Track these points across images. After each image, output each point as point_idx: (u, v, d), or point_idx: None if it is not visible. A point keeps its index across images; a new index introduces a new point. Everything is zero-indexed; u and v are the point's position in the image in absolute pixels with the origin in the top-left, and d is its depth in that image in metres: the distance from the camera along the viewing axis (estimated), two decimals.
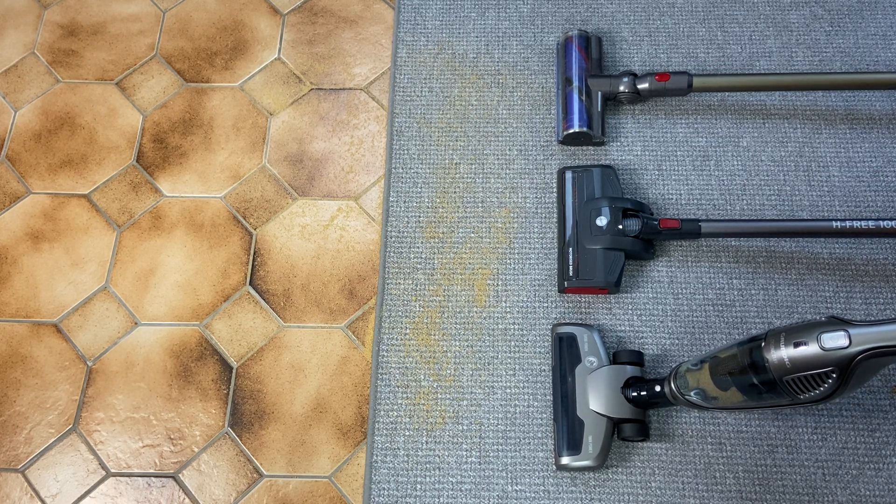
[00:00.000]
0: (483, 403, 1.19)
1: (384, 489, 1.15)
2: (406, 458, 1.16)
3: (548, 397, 1.19)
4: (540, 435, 1.17)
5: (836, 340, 0.86)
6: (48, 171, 1.39)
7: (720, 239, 1.28)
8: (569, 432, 1.12)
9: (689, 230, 1.21)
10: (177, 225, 1.35)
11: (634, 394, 1.11)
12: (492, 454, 1.16)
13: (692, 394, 1.01)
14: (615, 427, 1.12)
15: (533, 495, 1.14)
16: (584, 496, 1.13)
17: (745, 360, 0.93)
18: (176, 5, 1.54)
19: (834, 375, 0.86)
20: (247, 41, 1.50)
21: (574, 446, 1.11)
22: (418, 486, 1.15)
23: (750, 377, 0.93)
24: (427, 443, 1.17)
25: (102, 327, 1.27)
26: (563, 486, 1.14)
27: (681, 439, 1.16)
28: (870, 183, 1.32)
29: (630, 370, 1.14)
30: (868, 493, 1.12)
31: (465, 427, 1.18)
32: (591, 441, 1.11)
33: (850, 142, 1.35)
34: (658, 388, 1.07)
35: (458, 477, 1.15)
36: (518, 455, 1.16)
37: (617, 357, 1.17)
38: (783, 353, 0.89)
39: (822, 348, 0.86)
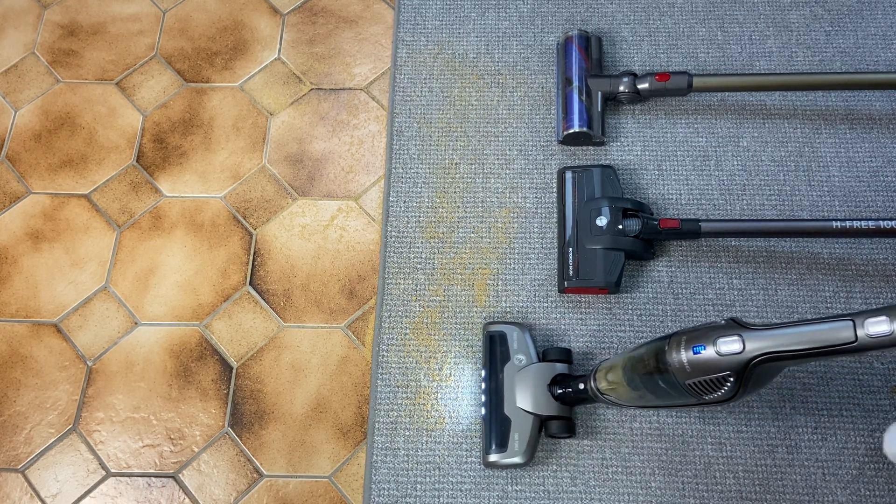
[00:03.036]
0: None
1: (384, 489, 1.15)
2: (406, 458, 1.16)
3: None
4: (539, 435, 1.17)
5: (730, 345, 0.86)
6: (48, 171, 1.39)
7: (720, 239, 1.28)
8: (496, 430, 1.12)
9: (689, 230, 1.21)
10: (177, 225, 1.35)
11: (560, 391, 1.11)
12: None
13: (608, 391, 1.03)
14: (542, 424, 1.13)
15: (533, 495, 1.14)
16: (584, 496, 1.13)
17: (651, 363, 0.94)
18: (176, 5, 1.54)
19: (731, 379, 0.87)
20: (247, 41, 1.50)
21: (501, 444, 1.11)
22: (418, 486, 1.15)
23: (656, 379, 0.94)
24: (427, 443, 1.17)
25: (102, 327, 1.27)
26: (563, 486, 1.14)
27: (681, 439, 1.16)
28: (870, 183, 1.32)
29: (558, 368, 1.14)
30: (868, 493, 1.12)
31: (465, 427, 1.18)
32: (518, 438, 1.11)
33: (850, 142, 1.35)
34: (582, 386, 1.08)
35: (458, 477, 1.15)
36: None
37: (546, 355, 1.17)
38: (683, 357, 0.89)
39: (718, 353, 0.87)
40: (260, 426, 1.20)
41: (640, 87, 1.33)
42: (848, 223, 1.18)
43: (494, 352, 1.18)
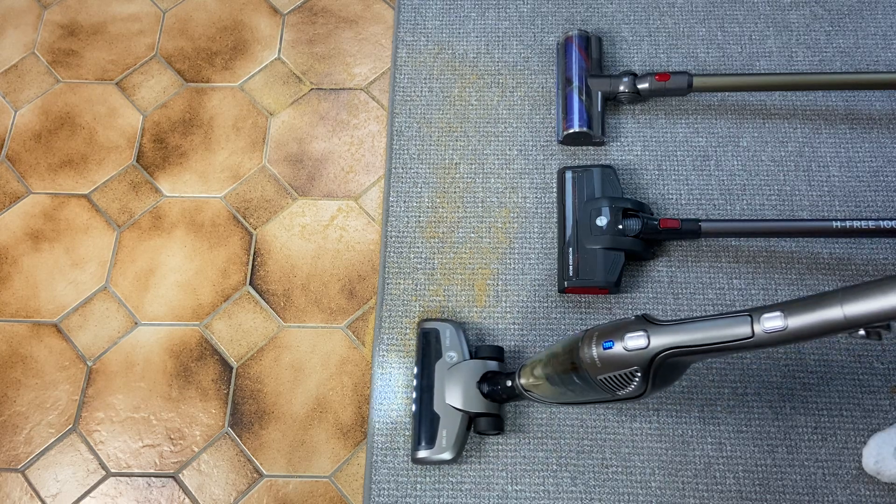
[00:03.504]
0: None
1: (384, 489, 1.15)
2: (406, 458, 1.16)
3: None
4: (540, 435, 1.17)
5: (636, 341, 0.87)
6: (48, 171, 1.39)
7: (720, 239, 1.28)
8: (425, 426, 1.13)
9: (689, 230, 1.21)
10: (177, 225, 1.35)
11: (488, 388, 1.12)
12: (492, 454, 1.16)
13: (532, 388, 1.04)
14: (471, 421, 1.13)
15: (533, 495, 1.14)
16: (584, 496, 1.13)
17: (567, 359, 0.95)
18: (176, 5, 1.54)
19: (638, 374, 0.88)
20: (247, 41, 1.50)
21: (429, 440, 1.12)
22: (418, 486, 1.15)
23: (572, 375, 0.95)
24: None
25: (102, 327, 1.27)
26: (563, 486, 1.14)
27: (681, 439, 1.16)
28: (870, 183, 1.32)
29: (488, 365, 1.15)
30: (868, 493, 1.12)
31: None
32: (446, 435, 1.12)
33: (850, 142, 1.35)
34: (509, 383, 1.08)
35: (458, 477, 1.15)
36: (518, 455, 1.16)
37: (478, 352, 1.18)
38: (594, 353, 0.91)
39: (626, 349, 0.88)
40: (260, 426, 1.20)
41: (640, 87, 1.33)
42: (848, 223, 1.18)
43: (427, 349, 1.18)
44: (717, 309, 1.23)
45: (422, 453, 1.12)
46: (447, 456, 1.11)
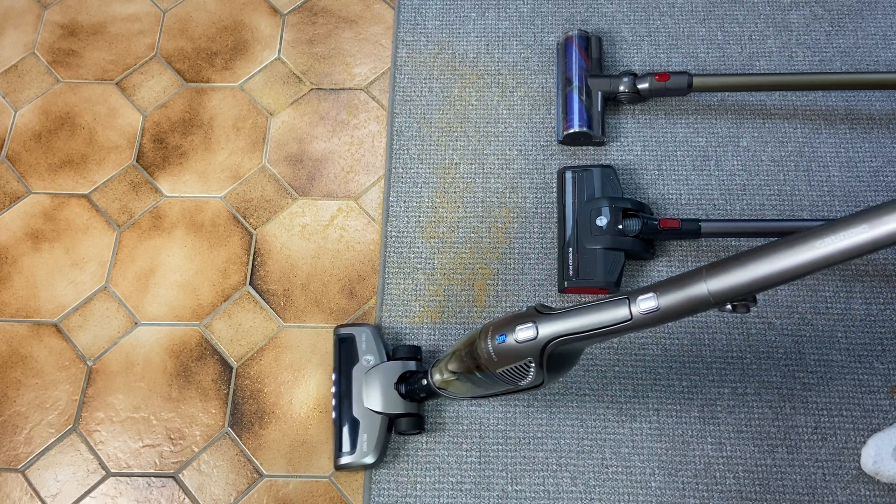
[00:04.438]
0: (483, 403, 1.19)
1: (384, 489, 1.15)
2: (406, 458, 1.16)
3: (547, 397, 1.19)
4: (540, 435, 1.17)
5: (526, 332, 0.90)
6: (48, 171, 1.39)
7: (720, 239, 1.28)
8: (345, 433, 1.14)
9: (689, 230, 1.21)
10: (177, 225, 1.35)
11: (406, 389, 1.13)
12: (492, 454, 1.16)
13: (444, 386, 1.05)
14: (392, 423, 1.14)
15: (533, 495, 1.14)
16: (584, 496, 1.13)
17: (468, 356, 0.97)
18: (176, 5, 1.54)
19: (532, 364, 0.90)
20: (247, 41, 1.50)
21: (350, 446, 1.13)
22: (418, 486, 1.15)
23: (474, 370, 0.97)
24: (427, 443, 1.17)
25: (102, 327, 1.27)
26: (563, 486, 1.14)
27: (681, 439, 1.16)
28: (870, 183, 1.32)
29: (406, 365, 1.15)
30: (868, 493, 1.12)
31: (465, 427, 1.18)
32: (366, 439, 1.12)
33: (850, 142, 1.35)
34: (424, 382, 1.09)
35: (458, 477, 1.15)
36: (518, 455, 1.16)
37: (395, 353, 1.18)
38: (490, 348, 0.93)
39: (517, 340, 0.90)
40: (260, 426, 1.20)
41: (640, 87, 1.33)
42: None
43: (344, 354, 1.19)
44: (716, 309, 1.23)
45: (343, 459, 1.13)
46: (369, 460, 1.12)
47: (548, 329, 0.89)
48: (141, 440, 1.20)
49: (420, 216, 1.33)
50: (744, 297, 0.81)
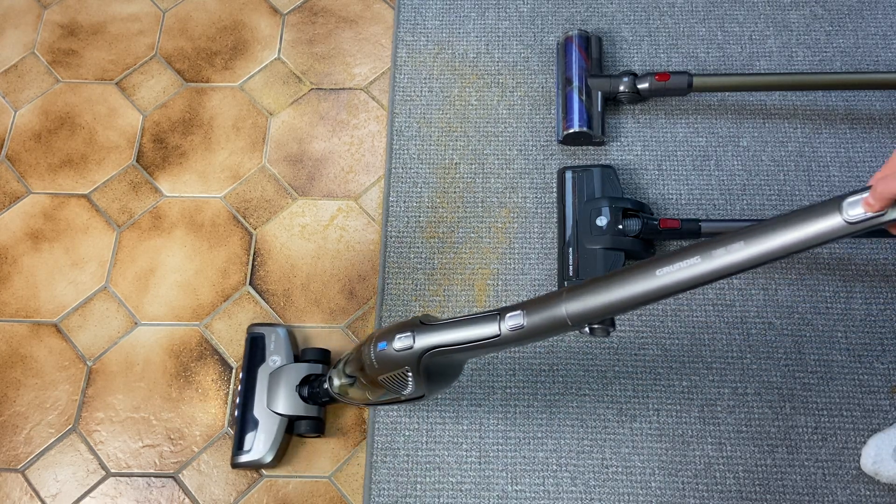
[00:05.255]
0: (483, 403, 1.19)
1: (384, 489, 1.15)
2: (406, 458, 1.16)
3: (548, 397, 1.19)
4: (540, 435, 1.17)
5: (403, 341, 0.91)
6: (48, 171, 1.39)
7: None
8: (244, 431, 1.14)
9: (689, 230, 1.21)
10: (177, 225, 1.35)
11: (308, 391, 1.13)
12: (492, 454, 1.16)
13: (340, 391, 1.05)
14: (292, 424, 1.14)
15: (533, 495, 1.14)
16: (584, 496, 1.13)
17: (357, 362, 0.98)
18: (176, 5, 1.54)
19: (410, 374, 0.91)
20: (247, 41, 1.50)
21: (249, 445, 1.13)
22: (418, 486, 1.15)
23: (362, 376, 0.98)
24: (427, 443, 1.17)
25: (102, 327, 1.27)
26: (563, 486, 1.14)
27: (681, 439, 1.16)
28: None
29: (312, 368, 1.16)
30: (868, 493, 1.12)
31: (465, 427, 1.18)
32: (264, 439, 1.13)
33: (850, 142, 1.35)
34: (326, 386, 1.09)
35: (458, 477, 1.15)
36: (518, 455, 1.16)
37: (303, 355, 1.19)
38: (372, 355, 0.94)
39: (395, 349, 0.91)
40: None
41: (640, 86, 1.33)
42: None
43: (253, 353, 1.19)
44: (716, 309, 1.23)
45: (240, 458, 1.13)
46: (265, 460, 1.12)
47: (424, 340, 0.90)
48: (141, 440, 1.20)
49: (420, 216, 1.33)
50: (601, 321, 0.83)
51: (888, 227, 0.72)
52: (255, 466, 1.14)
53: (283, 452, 1.16)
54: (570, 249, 1.23)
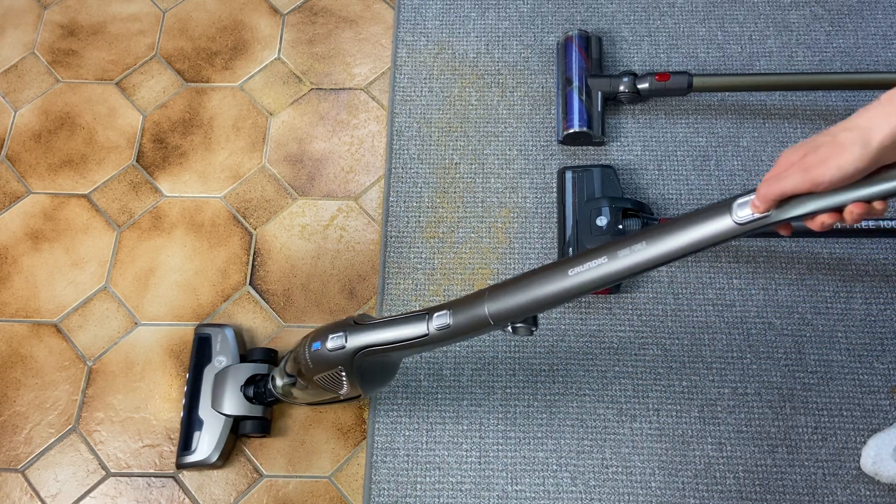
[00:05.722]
0: (483, 403, 1.19)
1: (384, 489, 1.15)
2: (406, 458, 1.16)
3: (548, 397, 1.19)
4: (540, 435, 1.17)
5: (336, 341, 0.92)
6: (48, 171, 1.39)
7: None
8: (190, 432, 1.14)
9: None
10: (177, 225, 1.35)
11: (252, 391, 1.13)
12: (492, 454, 1.16)
13: (282, 391, 1.06)
14: (237, 424, 1.15)
15: (533, 495, 1.14)
16: (584, 496, 1.13)
17: (295, 361, 0.98)
18: (176, 5, 1.54)
19: (344, 374, 0.93)
20: (247, 41, 1.50)
21: (192, 445, 1.13)
22: (418, 486, 1.15)
23: (299, 377, 0.98)
24: (427, 443, 1.17)
25: (102, 327, 1.27)
26: (563, 486, 1.14)
27: (681, 439, 1.16)
28: None
29: (257, 368, 1.16)
30: (868, 493, 1.12)
31: (465, 427, 1.18)
32: (207, 440, 1.13)
33: None
34: (270, 386, 1.09)
35: (458, 477, 1.15)
36: (518, 455, 1.16)
37: (249, 355, 1.19)
38: (307, 355, 0.95)
39: (328, 349, 0.92)
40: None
41: (640, 86, 1.33)
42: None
43: (199, 354, 1.19)
44: (716, 309, 1.23)
45: (185, 458, 1.13)
46: (209, 460, 1.13)
47: (356, 340, 0.91)
48: (141, 440, 1.20)
49: (420, 216, 1.33)
50: (522, 319, 0.84)
51: (776, 228, 0.74)
52: (200, 466, 1.14)
53: (228, 452, 1.16)
54: (570, 249, 1.23)
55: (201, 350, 1.19)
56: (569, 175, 1.30)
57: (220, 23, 1.52)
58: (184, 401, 1.17)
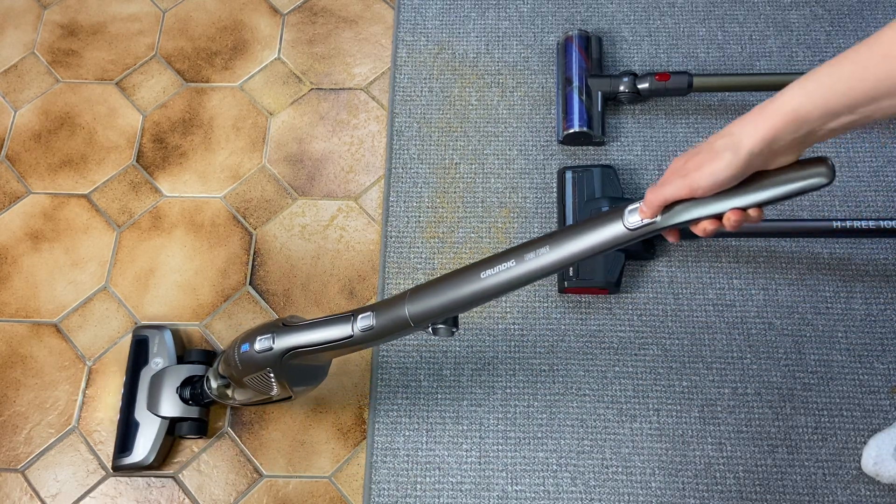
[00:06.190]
0: (483, 403, 1.19)
1: (384, 489, 1.15)
2: (406, 458, 1.16)
3: (548, 397, 1.19)
4: (540, 435, 1.17)
5: (263, 343, 0.92)
6: (48, 171, 1.39)
7: (720, 239, 1.28)
8: (126, 434, 1.14)
9: (689, 231, 1.21)
10: (177, 225, 1.35)
11: (189, 393, 1.14)
12: (492, 454, 1.16)
13: (218, 392, 1.06)
14: (173, 426, 1.15)
15: (533, 495, 1.14)
16: (584, 496, 1.13)
17: (226, 363, 0.98)
18: (176, 5, 1.54)
19: (272, 375, 0.93)
20: (247, 41, 1.50)
21: (130, 447, 1.13)
22: (418, 486, 1.15)
23: (231, 379, 0.99)
24: (427, 443, 1.17)
25: (102, 327, 1.27)
26: (563, 486, 1.14)
27: (681, 439, 1.16)
28: (870, 183, 1.32)
29: (193, 370, 1.16)
30: (868, 493, 1.12)
31: (465, 427, 1.18)
32: (143, 442, 1.13)
33: (849, 142, 1.35)
34: (205, 387, 1.10)
35: (458, 477, 1.15)
36: (518, 455, 1.16)
37: (186, 357, 1.19)
38: (235, 356, 0.95)
39: (256, 351, 0.93)
40: (260, 426, 1.20)
41: (640, 86, 1.33)
42: (848, 223, 1.18)
43: (136, 356, 1.19)
44: (716, 309, 1.23)
45: (120, 461, 1.13)
46: (145, 462, 1.13)
47: (283, 342, 0.91)
48: None
49: (420, 216, 1.33)
50: (442, 321, 0.86)
51: (664, 233, 0.76)
52: (136, 468, 1.14)
53: (165, 454, 1.16)
54: None
55: (139, 352, 1.19)
56: (569, 175, 1.30)
57: (220, 23, 1.52)
58: (120, 403, 1.17)
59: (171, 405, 1.14)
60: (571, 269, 1.22)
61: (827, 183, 0.67)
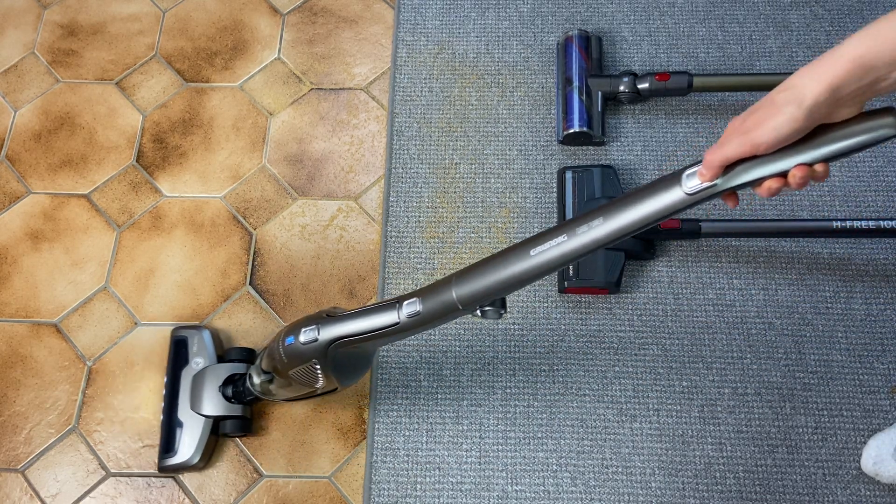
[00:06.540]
0: (483, 403, 1.19)
1: (384, 489, 1.15)
2: (406, 458, 1.16)
3: (548, 397, 1.19)
4: (540, 435, 1.17)
5: (309, 334, 0.92)
6: (48, 171, 1.39)
7: (720, 239, 1.28)
8: (170, 434, 1.14)
9: (689, 230, 1.21)
10: (177, 225, 1.35)
11: (231, 391, 1.14)
12: (492, 454, 1.16)
13: (261, 388, 1.06)
14: (217, 425, 1.15)
15: (533, 495, 1.14)
16: (584, 496, 1.13)
17: (270, 357, 0.98)
18: (176, 5, 1.54)
19: (318, 367, 0.93)
20: (247, 41, 1.50)
21: (175, 448, 1.14)
22: (418, 486, 1.15)
23: (275, 373, 0.99)
24: (427, 443, 1.17)
25: (102, 327, 1.27)
26: (563, 486, 1.14)
27: (681, 439, 1.16)
28: (870, 183, 1.32)
29: (235, 368, 1.16)
30: (868, 493, 1.12)
31: (465, 427, 1.18)
32: (188, 442, 1.13)
33: None
34: (248, 384, 1.09)
35: (458, 477, 1.15)
36: (518, 455, 1.16)
37: (225, 356, 1.19)
38: (281, 350, 0.95)
39: (301, 342, 0.92)
40: (260, 426, 1.20)
41: (640, 86, 1.33)
42: (848, 223, 1.18)
43: (176, 357, 1.19)
44: (716, 309, 1.23)
45: (167, 461, 1.14)
46: (191, 462, 1.13)
47: (328, 332, 0.91)
48: (141, 440, 1.20)
49: (420, 216, 1.33)
50: (490, 302, 0.85)
51: (724, 198, 0.74)
52: (182, 469, 1.14)
53: (210, 453, 1.16)
54: None
55: (178, 353, 1.19)
56: (569, 175, 1.30)
57: (220, 23, 1.52)
58: (163, 404, 1.17)
59: (214, 404, 1.14)
60: (571, 268, 1.22)
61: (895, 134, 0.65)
